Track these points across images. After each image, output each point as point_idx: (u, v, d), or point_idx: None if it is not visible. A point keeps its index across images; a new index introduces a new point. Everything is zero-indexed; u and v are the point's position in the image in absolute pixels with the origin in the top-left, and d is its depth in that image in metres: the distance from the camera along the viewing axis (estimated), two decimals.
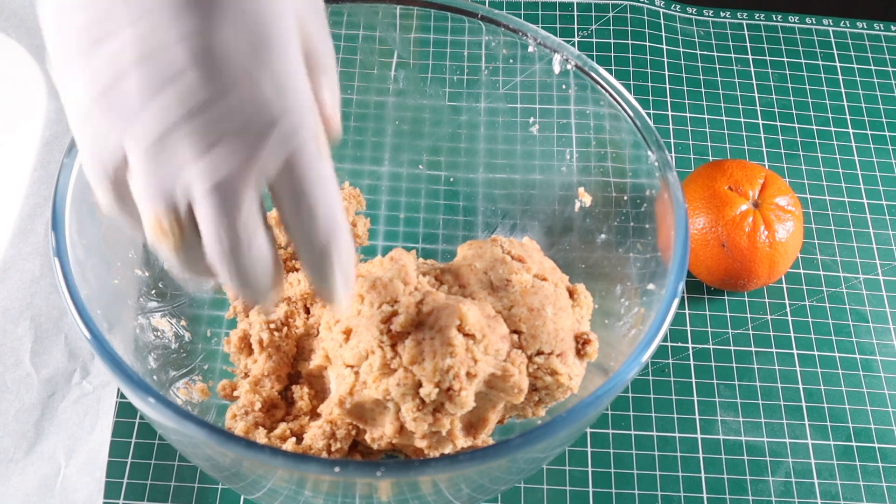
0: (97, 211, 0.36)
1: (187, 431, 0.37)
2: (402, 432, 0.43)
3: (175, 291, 0.54)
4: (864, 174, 0.68)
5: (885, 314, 0.62)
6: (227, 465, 0.40)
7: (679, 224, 0.44)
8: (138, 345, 0.50)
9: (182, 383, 0.52)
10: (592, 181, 0.54)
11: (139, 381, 0.38)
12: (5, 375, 0.55)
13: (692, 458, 0.55)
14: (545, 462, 0.49)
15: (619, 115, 0.49)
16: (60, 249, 0.41)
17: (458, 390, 0.41)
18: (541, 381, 0.44)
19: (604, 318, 0.50)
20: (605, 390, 0.39)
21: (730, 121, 0.70)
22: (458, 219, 0.60)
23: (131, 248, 0.51)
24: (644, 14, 0.75)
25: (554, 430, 0.38)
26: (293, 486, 0.41)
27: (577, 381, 0.45)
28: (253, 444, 0.36)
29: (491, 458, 0.37)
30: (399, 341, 0.42)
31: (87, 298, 0.40)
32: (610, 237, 0.52)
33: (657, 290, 0.45)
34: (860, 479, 0.55)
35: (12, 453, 0.52)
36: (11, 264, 0.58)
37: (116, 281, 0.48)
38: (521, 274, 0.46)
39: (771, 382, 0.58)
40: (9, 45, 0.68)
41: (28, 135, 0.64)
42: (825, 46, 0.75)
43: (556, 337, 0.44)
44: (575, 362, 0.45)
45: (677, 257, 0.43)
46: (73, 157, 0.43)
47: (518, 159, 0.57)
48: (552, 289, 0.46)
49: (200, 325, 0.54)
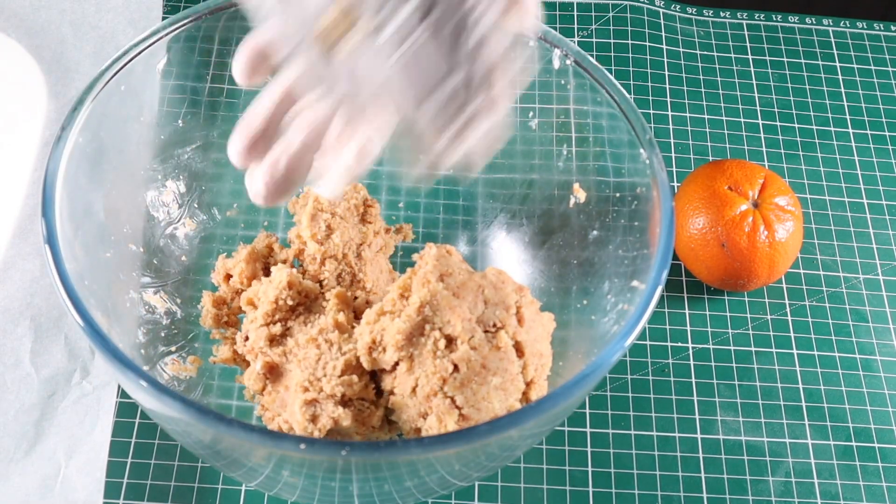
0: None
1: (165, 406, 0.37)
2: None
3: (168, 268, 0.54)
4: (864, 174, 0.68)
5: (885, 314, 0.62)
6: (207, 442, 0.41)
7: (665, 218, 0.45)
8: (128, 318, 0.50)
9: (170, 359, 0.52)
10: (587, 177, 0.54)
11: (121, 356, 0.38)
12: (5, 375, 0.55)
13: (692, 458, 0.55)
14: (523, 450, 0.49)
15: (615, 112, 0.49)
16: (47, 209, 0.42)
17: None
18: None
19: (590, 314, 0.51)
20: (573, 383, 0.40)
21: (730, 121, 0.70)
22: (458, 218, 0.60)
23: (127, 223, 0.52)
24: (644, 14, 0.75)
25: (525, 417, 0.38)
26: (271, 465, 0.42)
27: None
28: (226, 420, 0.37)
29: (458, 441, 0.38)
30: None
31: (75, 272, 0.41)
32: (602, 234, 0.52)
33: (642, 287, 0.45)
34: (860, 479, 0.55)
35: (12, 453, 0.52)
36: (11, 264, 0.58)
37: (108, 254, 0.49)
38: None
39: (771, 382, 0.58)
40: (9, 45, 0.68)
41: (28, 135, 0.64)
42: (825, 46, 0.75)
43: (483, 401, 0.46)
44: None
45: (661, 245, 0.44)
46: (68, 129, 0.44)
47: (517, 154, 0.57)
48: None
49: (193, 303, 0.55)
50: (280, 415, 0.48)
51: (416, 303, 0.46)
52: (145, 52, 0.49)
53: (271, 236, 0.57)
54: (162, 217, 0.55)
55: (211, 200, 0.58)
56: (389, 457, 0.38)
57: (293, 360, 0.48)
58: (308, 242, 0.54)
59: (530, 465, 0.54)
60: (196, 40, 0.53)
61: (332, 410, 0.45)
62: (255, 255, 0.55)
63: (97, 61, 0.67)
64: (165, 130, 0.55)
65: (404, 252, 0.59)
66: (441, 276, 0.47)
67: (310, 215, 0.54)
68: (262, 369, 0.49)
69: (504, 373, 0.46)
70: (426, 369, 0.45)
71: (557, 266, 0.55)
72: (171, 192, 0.56)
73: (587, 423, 0.56)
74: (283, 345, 0.49)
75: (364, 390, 0.47)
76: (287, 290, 0.50)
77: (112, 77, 0.47)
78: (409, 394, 0.46)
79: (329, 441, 0.40)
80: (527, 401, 0.48)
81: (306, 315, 0.51)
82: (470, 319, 0.46)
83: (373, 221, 0.56)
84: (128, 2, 0.70)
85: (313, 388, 0.46)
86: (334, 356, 0.47)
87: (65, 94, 0.66)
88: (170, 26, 0.49)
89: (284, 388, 0.48)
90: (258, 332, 0.50)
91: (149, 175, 0.55)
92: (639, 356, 0.59)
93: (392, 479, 0.42)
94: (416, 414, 0.46)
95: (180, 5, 0.73)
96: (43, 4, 0.70)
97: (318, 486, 0.43)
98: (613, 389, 0.57)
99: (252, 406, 0.52)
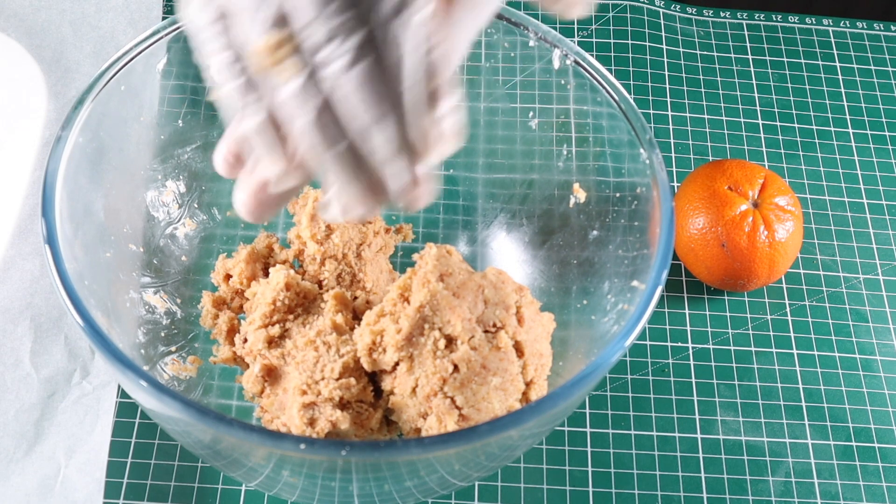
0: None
1: (165, 406, 0.37)
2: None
3: (168, 268, 0.54)
4: (864, 174, 0.68)
5: (885, 314, 0.62)
6: (207, 442, 0.41)
7: (665, 218, 0.45)
8: (128, 318, 0.50)
9: (170, 359, 0.52)
10: (587, 177, 0.54)
11: (121, 356, 0.38)
12: (5, 375, 0.55)
13: (692, 458, 0.55)
14: (523, 450, 0.49)
15: (615, 112, 0.49)
16: (47, 209, 0.42)
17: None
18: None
19: (590, 314, 0.51)
20: (574, 382, 0.40)
21: (730, 121, 0.70)
22: (458, 218, 0.60)
23: (127, 223, 0.52)
24: (644, 14, 0.75)
25: (525, 417, 0.38)
26: (271, 465, 0.42)
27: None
28: (226, 420, 0.37)
29: (458, 441, 0.38)
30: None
31: (75, 272, 0.41)
32: (602, 234, 0.52)
33: (642, 287, 0.45)
34: (860, 479, 0.55)
35: (12, 453, 0.52)
36: (11, 264, 0.58)
37: (108, 254, 0.49)
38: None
39: (771, 382, 0.58)
40: (9, 45, 0.68)
41: (28, 135, 0.64)
42: (825, 46, 0.75)
43: (483, 401, 0.46)
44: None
45: (661, 245, 0.44)
46: (68, 129, 0.44)
47: (517, 154, 0.57)
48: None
49: (193, 303, 0.55)
50: (279, 417, 0.48)
51: (416, 303, 0.46)
52: (145, 52, 0.49)
53: (271, 236, 0.57)
54: (162, 217, 0.55)
55: (211, 200, 0.58)
56: (389, 457, 0.38)
57: (291, 362, 0.48)
58: (308, 243, 0.54)
59: (530, 465, 0.54)
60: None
61: (330, 413, 0.45)
62: (255, 256, 0.55)
63: (97, 61, 0.67)
64: (165, 130, 0.55)
65: (404, 252, 0.59)
66: (441, 276, 0.47)
67: (309, 215, 0.54)
68: (261, 372, 0.49)
69: (504, 373, 0.46)
70: (426, 369, 0.45)
71: (557, 266, 0.55)
72: (171, 192, 0.56)
73: (587, 423, 0.56)
74: (281, 347, 0.49)
75: (362, 393, 0.47)
76: (285, 292, 0.50)
77: (112, 77, 0.47)
78: (409, 394, 0.46)
79: (329, 441, 0.40)
80: (527, 401, 0.48)
81: (305, 316, 0.51)
82: (470, 319, 0.46)
83: (373, 221, 0.56)
84: (128, 2, 0.70)
85: (311, 392, 0.46)
86: (332, 359, 0.47)
87: (65, 94, 0.66)
88: (170, 26, 0.49)
89: (283, 391, 0.48)
90: (256, 335, 0.50)
91: (149, 175, 0.55)
92: (639, 356, 0.59)
93: (392, 479, 0.42)
94: (416, 414, 0.46)
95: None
96: (43, 4, 0.70)
97: (318, 486, 0.43)
98: (613, 389, 0.57)
99: (252, 406, 0.52)
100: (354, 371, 0.47)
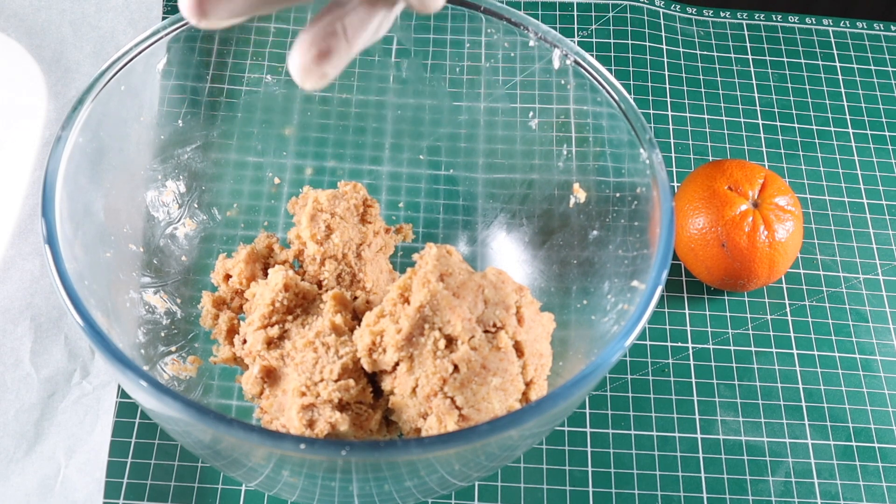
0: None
1: (165, 406, 0.37)
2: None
3: (168, 268, 0.54)
4: (864, 174, 0.68)
5: (885, 314, 0.62)
6: (207, 442, 0.41)
7: (665, 218, 0.45)
8: (128, 318, 0.50)
9: (170, 359, 0.52)
10: (587, 177, 0.54)
11: (121, 356, 0.38)
12: (5, 375, 0.55)
13: (692, 458, 0.55)
14: (523, 450, 0.49)
15: (615, 112, 0.49)
16: (47, 209, 0.42)
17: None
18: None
19: (590, 314, 0.51)
20: (574, 382, 0.40)
21: (730, 121, 0.70)
22: (458, 218, 0.60)
23: (127, 223, 0.52)
24: (644, 14, 0.75)
25: (525, 417, 0.38)
26: (271, 465, 0.42)
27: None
28: (226, 420, 0.37)
29: (458, 441, 0.38)
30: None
31: (75, 272, 0.41)
32: (602, 234, 0.52)
33: (642, 287, 0.45)
34: (860, 479, 0.55)
35: (12, 453, 0.52)
36: (11, 264, 0.58)
37: (108, 254, 0.49)
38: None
39: (771, 382, 0.58)
40: (9, 45, 0.68)
41: (28, 135, 0.64)
42: (825, 46, 0.75)
43: (483, 401, 0.46)
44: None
45: (661, 245, 0.44)
46: (68, 129, 0.44)
47: (517, 154, 0.57)
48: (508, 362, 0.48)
49: (193, 303, 0.55)
50: (278, 418, 0.48)
51: (416, 303, 0.46)
52: (145, 52, 0.49)
53: (271, 237, 0.57)
54: (162, 217, 0.55)
55: (211, 200, 0.58)
56: (389, 457, 0.38)
57: (290, 363, 0.48)
58: (308, 243, 0.54)
59: (530, 465, 0.54)
60: (196, 40, 0.53)
61: (330, 415, 0.45)
62: (255, 256, 0.55)
63: (97, 61, 0.67)
64: (165, 130, 0.55)
65: (404, 252, 0.59)
66: (441, 276, 0.47)
67: (309, 216, 0.54)
68: (260, 373, 0.49)
69: (504, 373, 0.46)
70: (426, 369, 0.45)
71: (557, 266, 0.55)
72: (171, 192, 0.56)
73: (587, 423, 0.56)
74: (280, 348, 0.49)
75: (361, 394, 0.47)
76: (283, 293, 0.50)
77: (112, 77, 0.47)
78: (409, 394, 0.46)
79: (329, 441, 0.40)
80: (527, 401, 0.48)
81: (304, 317, 0.51)
82: (470, 319, 0.46)
83: (373, 221, 0.56)
84: (128, 2, 0.70)
85: (310, 393, 0.46)
86: (331, 360, 0.47)
87: (65, 94, 0.66)
88: (170, 26, 0.49)
89: (282, 392, 0.48)
90: (255, 336, 0.50)
91: (149, 175, 0.55)
92: (639, 356, 0.59)
93: (392, 479, 0.42)
94: (416, 414, 0.46)
95: None
96: (43, 4, 0.70)
97: (318, 486, 0.43)
98: (613, 389, 0.57)
99: (252, 406, 0.52)
100: (353, 372, 0.47)
